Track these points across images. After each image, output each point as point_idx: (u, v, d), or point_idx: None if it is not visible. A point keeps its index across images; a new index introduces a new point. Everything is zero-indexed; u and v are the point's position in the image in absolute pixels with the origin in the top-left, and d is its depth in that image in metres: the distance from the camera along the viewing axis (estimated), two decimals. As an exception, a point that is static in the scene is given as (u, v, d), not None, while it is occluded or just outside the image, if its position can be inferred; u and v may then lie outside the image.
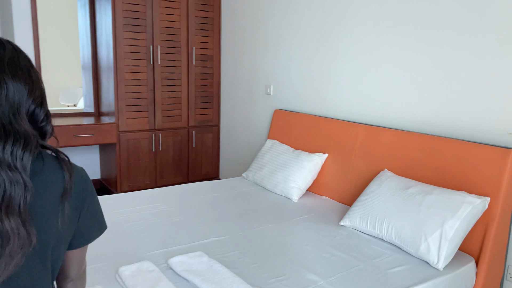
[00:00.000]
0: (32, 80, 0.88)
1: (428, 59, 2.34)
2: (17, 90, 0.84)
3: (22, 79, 0.86)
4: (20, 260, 0.80)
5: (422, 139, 2.30)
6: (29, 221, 0.81)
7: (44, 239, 0.86)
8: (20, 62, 0.87)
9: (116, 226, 2.20)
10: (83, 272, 1.02)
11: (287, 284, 1.69)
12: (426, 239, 1.90)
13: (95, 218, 0.99)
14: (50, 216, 0.86)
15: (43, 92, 0.92)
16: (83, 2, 4.08)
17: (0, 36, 0.94)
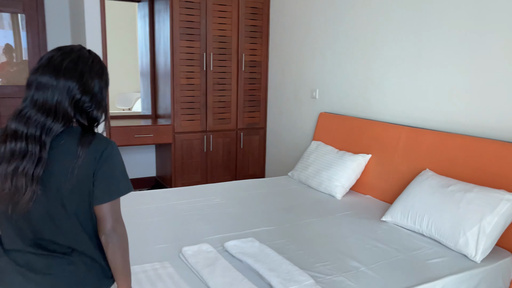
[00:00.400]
0: (83, 79, 1.20)
1: (469, 63, 2.43)
2: (66, 84, 1.18)
3: (73, 78, 1.18)
4: (31, 206, 1.14)
5: (463, 140, 2.39)
6: (37, 182, 1.13)
7: (59, 193, 1.16)
8: (77, 67, 1.20)
9: (177, 215, 2.46)
10: (114, 230, 1.21)
11: (331, 269, 1.86)
12: (465, 233, 2.01)
13: (108, 183, 1.20)
14: (64, 177, 1.16)
15: (94, 89, 1.23)
16: (143, 14, 4.45)
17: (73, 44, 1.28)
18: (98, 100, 1.25)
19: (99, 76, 1.26)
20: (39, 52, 4.39)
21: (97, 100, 1.25)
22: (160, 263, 1.81)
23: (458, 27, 2.49)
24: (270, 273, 1.73)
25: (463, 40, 2.47)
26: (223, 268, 1.77)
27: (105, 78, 1.29)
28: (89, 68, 1.23)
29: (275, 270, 1.75)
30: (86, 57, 1.24)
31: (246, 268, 1.83)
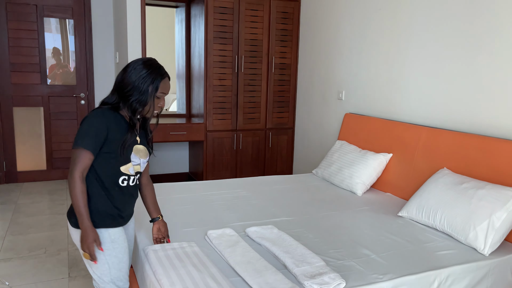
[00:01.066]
0: (128, 85, 1.70)
1: (489, 65, 2.50)
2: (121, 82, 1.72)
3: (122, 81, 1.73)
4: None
5: (480, 140, 2.47)
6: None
7: None
8: (126, 72, 1.72)
9: (205, 204, 2.68)
10: (70, 172, 1.64)
11: (343, 254, 2.01)
12: (475, 228, 2.10)
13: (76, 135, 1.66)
14: None
15: (135, 88, 1.69)
16: (180, 18, 4.74)
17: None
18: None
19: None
20: (86, 55, 4.77)
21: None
22: (187, 243, 2.02)
23: (478, 30, 2.57)
24: (285, 255, 1.90)
25: (479, 46, 2.54)
26: (243, 249, 1.96)
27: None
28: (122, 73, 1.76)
29: (290, 253, 1.92)
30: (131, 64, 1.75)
31: (264, 251, 2.01)
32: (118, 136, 1.69)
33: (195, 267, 1.77)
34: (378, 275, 1.82)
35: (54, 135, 4.76)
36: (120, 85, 1.72)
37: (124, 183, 1.75)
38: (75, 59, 4.75)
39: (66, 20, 4.63)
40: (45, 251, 2.98)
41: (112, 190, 1.72)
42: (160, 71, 1.73)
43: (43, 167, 4.80)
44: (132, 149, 1.74)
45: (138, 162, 1.78)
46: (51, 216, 3.70)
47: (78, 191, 1.60)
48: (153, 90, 1.70)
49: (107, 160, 1.68)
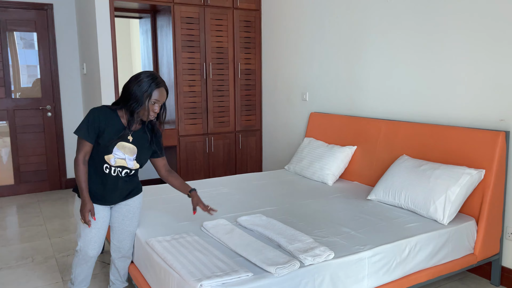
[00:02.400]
0: (128, 91, 2.06)
1: (435, 64, 2.90)
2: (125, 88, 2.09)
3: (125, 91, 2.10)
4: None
5: (431, 128, 2.84)
6: None
7: None
8: (130, 81, 2.09)
9: (192, 201, 2.85)
10: (76, 155, 2.08)
11: (326, 233, 2.27)
12: (434, 202, 2.44)
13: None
14: None
15: (134, 94, 2.04)
16: (145, 29, 4.87)
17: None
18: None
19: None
20: (51, 67, 4.77)
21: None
22: (186, 233, 2.21)
23: (425, 33, 2.96)
24: (278, 236, 2.14)
25: (427, 45, 2.94)
26: (239, 234, 2.18)
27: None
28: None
29: (281, 234, 2.16)
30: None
31: (257, 235, 2.24)
32: (108, 130, 2.06)
33: (200, 252, 1.96)
34: (359, 246, 2.10)
35: (21, 149, 4.71)
36: (124, 91, 2.09)
37: (106, 171, 2.12)
38: (39, 72, 4.74)
39: (14, 33, 4.59)
40: (33, 260, 3.02)
41: (100, 175, 2.12)
42: (156, 81, 2.06)
43: (11, 181, 4.73)
44: (117, 143, 2.08)
45: (122, 156, 2.10)
46: (29, 227, 3.70)
47: (80, 171, 2.06)
48: (148, 96, 2.03)
49: (97, 148, 2.08)
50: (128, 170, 2.16)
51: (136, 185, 2.28)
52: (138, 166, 2.18)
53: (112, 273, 2.37)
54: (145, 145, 2.17)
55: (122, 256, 2.30)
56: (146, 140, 2.18)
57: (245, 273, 1.76)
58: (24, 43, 4.70)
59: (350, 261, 1.99)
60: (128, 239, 2.28)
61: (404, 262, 2.17)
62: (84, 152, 2.06)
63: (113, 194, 2.18)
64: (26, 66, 4.71)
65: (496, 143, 2.46)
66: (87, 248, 2.17)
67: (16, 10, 4.54)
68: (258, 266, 1.86)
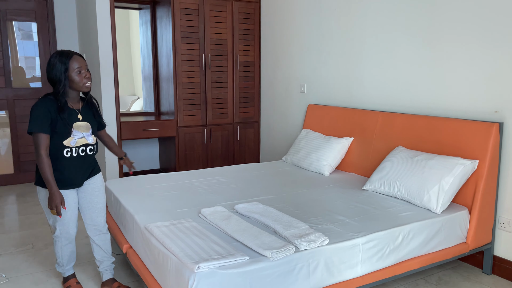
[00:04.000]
0: (51, 79, 2.16)
1: (429, 57, 2.93)
2: (47, 77, 2.20)
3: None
4: None
5: (427, 120, 2.88)
6: None
7: None
8: (47, 73, 2.16)
9: (190, 189, 2.90)
10: (36, 151, 2.12)
11: (322, 221, 2.32)
12: (428, 192, 2.49)
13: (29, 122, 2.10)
14: None
15: (55, 77, 2.12)
16: (144, 20, 4.88)
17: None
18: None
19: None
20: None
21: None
22: (184, 219, 2.25)
23: (421, 26, 2.99)
24: (274, 222, 2.18)
25: (423, 38, 2.97)
26: (236, 221, 2.22)
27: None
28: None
29: (277, 221, 2.21)
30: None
31: (254, 222, 2.28)
32: (59, 116, 2.13)
33: (198, 237, 2.01)
34: (353, 233, 2.15)
35: (20, 138, 4.74)
36: (49, 81, 2.17)
37: (68, 155, 2.19)
38: (38, 62, 4.76)
39: (13, 22, 4.60)
40: (33, 247, 3.06)
41: (62, 161, 2.18)
42: (65, 54, 2.14)
43: (10, 171, 4.77)
44: (73, 126, 2.18)
45: (81, 135, 2.21)
46: (29, 216, 3.74)
47: (45, 166, 2.08)
48: (66, 70, 2.12)
49: (54, 138, 2.14)
50: (91, 146, 2.27)
51: (95, 163, 2.40)
52: (95, 140, 2.32)
53: (96, 253, 2.44)
54: (92, 119, 2.31)
55: (100, 233, 2.41)
56: (92, 114, 2.31)
57: (241, 257, 1.81)
58: (23, 34, 4.71)
59: (344, 247, 2.04)
60: (101, 215, 2.40)
61: (398, 249, 2.22)
62: (45, 146, 2.09)
63: (78, 175, 2.27)
64: (24, 57, 4.73)
65: (490, 134, 2.50)
66: (68, 229, 2.29)
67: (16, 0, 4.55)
68: (254, 251, 1.90)
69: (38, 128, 2.06)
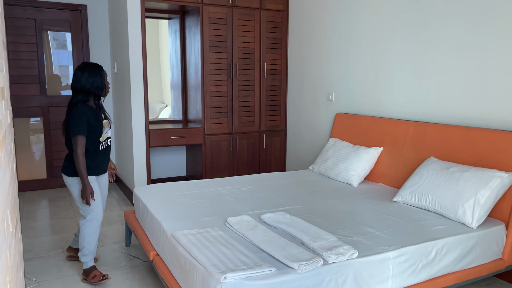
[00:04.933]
0: (89, 84, 2.63)
1: (465, 64, 2.84)
2: (82, 84, 2.64)
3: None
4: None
5: (461, 130, 2.79)
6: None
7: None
8: (84, 80, 2.62)
9: (216, 197, 2.90)
10: (74, 151, 2.52)
11: (350, 233, 2.26)
12: (462, 205, 2.39)
13: (71, 126, 2.51)
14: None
15: (93, 86, 2.63)
16: (174, 29, 4.96)
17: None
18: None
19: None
20: (83, 65, 4.92)
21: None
22: (211, 228, 2.24)
23: (455, 33, 2.90)
24: (301, 233, 2.14)
25: (459, 45, 2.88)
26: (262, 231, 2.19)
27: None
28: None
29: (305, 232, 2.17)
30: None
31: (280, 232, 2.25)
32: (95, 121, 2.58)
33: (224, 246, 1.99)
34: (384, 246, 2.08)
35: (54, 144, 4.88)
36: (81, 89, 2.58)
37: (101, 148, 2.67)
38: (71, 72, 4.90)
39: (48, 33, 4.76)
40: (63, 251, 3.12)
41: (97, 154, 2.65)
42: (99, 66, 2.65)
43: (43, 176, 4.90)
44: (103, 124, 2.64)
45: (106, 131, 2.69)
46: (60, 220, 3.83)
47: (81, 163, 2.50)
48: (104, 76, 2.66)
49: (93, 137, 2.59)
50: (110, 138, 2.77)
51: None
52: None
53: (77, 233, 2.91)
54: (106, 117, 2.75)
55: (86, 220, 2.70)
56: (103, 112, 2.73)
57: (268, 268, 1.78)
58: (57, 44, 4.87)
59: (374, 260, 1.98)
60: (104, 205, 2.85)
61: (430, 265, 2.14)
62: (82, 146, 2.52)
63: (105, 162, 2.75)
64: (58, 66, 4.88)
65: (529, 146, 2.39)
66: (99, 211, 2.66)
67: (51, 10, 4.71)
68: (281, 262, 1.87)
69: (80, 132, 2.50)
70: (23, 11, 4.58)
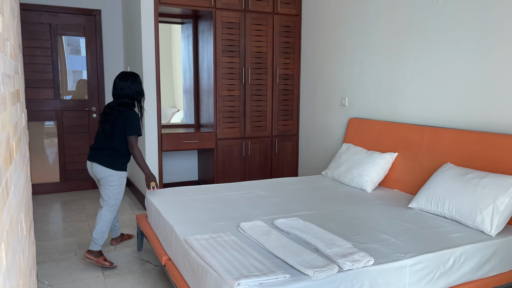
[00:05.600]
0: (137, 92, 3.11)
1: (480, 69, 2.78)
2: (129, 90, 3.08)
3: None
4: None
5: (479, 136, 2.73)
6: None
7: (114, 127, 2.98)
8: (135, 88, 3.10)
9: (228, 202, 2.87)
10: (132, 149, 2.94)
11: (365, 240, 2.22)
12: (481, 212, 2.33)
13: (127, 127, 2.89)
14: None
15: (139, 94, 3.11)
16: (186, 34, 4.98)
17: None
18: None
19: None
20: (97, 70, 4.97)
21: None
22: (223, 233, 2.22)
23: (472, 37, 2.85)
24: (315, 239, 2.11)
25: (477, 49, 2.83)
26: (276, 236, 2.16)
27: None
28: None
29: (319, 238, 2.13)
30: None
31: (294, 238, 2.22)
32: (139, 123, 2.97)
33: (237, 251, 1.97)
34: (400, 254, 2.04)
35: (67, 148, 4.92)
36: (127, 94, 2.97)
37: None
38: (86, 76, 4.95)
39: (63, 37, 4.80)
40: (75, 254, 3.13)
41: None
42: (137, 74, 3.05)
43: (57, 179, 4.94)
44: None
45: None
46: (72, 223, 3.84)
47: (142, 158, 2.96)
48: (142, 85, 3.09)
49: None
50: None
51: None
52: None
53: (114, 222, 3.28)
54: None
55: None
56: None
57: (282, 275, 1.75)
58: (71, 49, 4.91)
59: (390, 268, 1.94)
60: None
61: (448, 273, 2.09)
62: (137, 144, 2.97)
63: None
64: (72, 71, 4.93)
65: (550, 152, 2.32)
66: (119, 202, 3.02)
67: (66, 15, 4.77)
68: (295, 269, 1.84)
69: (137, 132, 2.91)
70: (38, 16, 4.64)
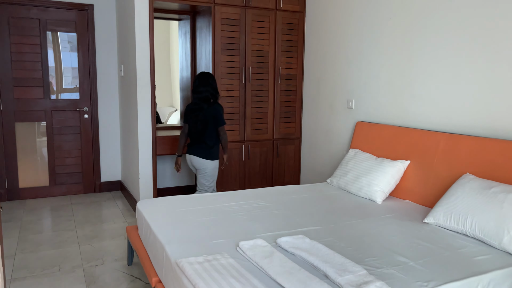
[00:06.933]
0: (215, 88, 3.57)
1: (506, 70, 2.53)
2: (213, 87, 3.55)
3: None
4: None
5: (503, 144, 2.47)
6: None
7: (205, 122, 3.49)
8: (214, 83, 3.58)
9: (227, 214, 2.62)
10: (224, 134, 3.50)
11: (380, 263, 1.97)
12: (508, 232, 2.08)
13: (218, 120, 3.44)
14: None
15: (217, 90, 3.55)
16: (184, 31, 4.72)
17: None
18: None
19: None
20: (89, 68, 4.71)
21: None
22: (221, 255, 1.96)
23: (492, 35, 2.60)
24: (324, 264, 1.86)
25: (496, 49, 2.57)
26: (280, 259, 1.91)
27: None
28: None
29: (329, 262, 1.88)
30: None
31: (300, 261, 1.97)
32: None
33: (236, 279, 1.72)
34: (422, 282, 1.78)
35: (57, 150, 4.66)
36: (212, 90, 3.47)
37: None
38: (77, 74, 4.69)
39: (58, 33, 4.55)
40: (59, 269, 2.88)
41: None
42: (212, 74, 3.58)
43: (46, 183, 4.69)
44: None
45: None
46: (60, 232, 3.59)
47: (227, 140, 3.54)
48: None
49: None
50: None
51: None
52: None
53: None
54: None
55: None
56: None
57: (288, 311, 1.49)
58: (71, 46, 4.64)
59: (411, 300, 1.69)
60: None
61: (475, 303, 1.84)
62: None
63: None
64: (71, 68, 4.66)
65: None
66: (215, 182, 3.63)
67: (57, 10, 4.51)
68: (303, 302, 1.59)
69: (224, 122, 3.45)
70: (27, 11, 4.38)
